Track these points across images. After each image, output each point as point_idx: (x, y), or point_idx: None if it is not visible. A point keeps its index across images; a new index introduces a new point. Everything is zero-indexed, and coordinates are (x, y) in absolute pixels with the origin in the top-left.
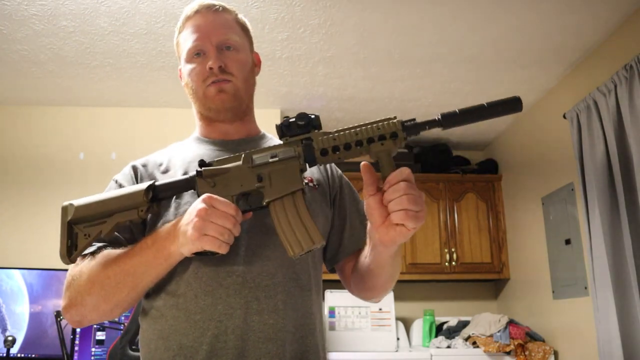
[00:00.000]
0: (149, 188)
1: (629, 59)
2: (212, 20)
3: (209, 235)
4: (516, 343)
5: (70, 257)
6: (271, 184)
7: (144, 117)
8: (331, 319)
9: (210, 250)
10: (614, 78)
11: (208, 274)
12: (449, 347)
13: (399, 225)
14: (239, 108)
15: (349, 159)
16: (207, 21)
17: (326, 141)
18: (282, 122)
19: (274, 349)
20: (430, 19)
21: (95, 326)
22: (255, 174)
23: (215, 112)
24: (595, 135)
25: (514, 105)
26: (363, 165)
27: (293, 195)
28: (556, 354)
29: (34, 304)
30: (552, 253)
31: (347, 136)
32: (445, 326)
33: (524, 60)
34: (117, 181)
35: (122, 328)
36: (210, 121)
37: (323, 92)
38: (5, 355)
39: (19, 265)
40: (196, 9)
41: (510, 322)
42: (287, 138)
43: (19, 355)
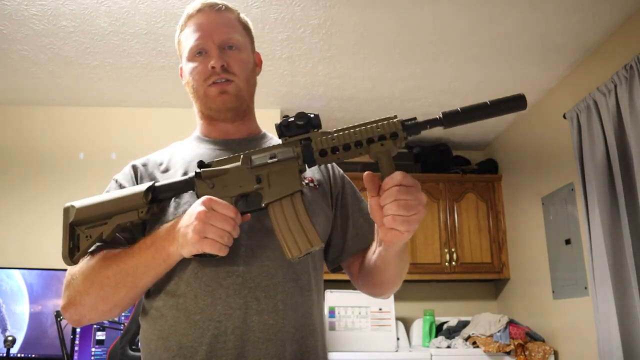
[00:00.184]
0: (148, 189)
1: (629, 59)
2: (215, 19)
3: (209, 238)
4: (516, 343)
5: (72, 258)
6: (270, 186)
7: (144, 117)
8: (331, 319)
9: (210, 253)
10: (614, 78)
11: (208, 274)
12: (449, 347)
13: (392, 228)
14: (240, 108)
15: (349, 159)
16: (210, 20)
17: (325, 142)
18: (281, 122)
19: (274, 350)
20: (430, 19)
21: (95, 326)
22: (254, 175)
23: (216, 112)
24: (595, 135)
25: (518, 102)
26: (366, 176)
27: (292, 197)
28: (556, 353)
29: (34, 304)
30: (552, 253)
31: (346, 136)
32: (445, 326)
33: (524, 60)
34: (118, 181)
35: (122, 328)
36: (211, 120)
37: (323, 92)
38: (5, 355)
39: (19, 265)
40: (199, 8)
41: (510, 322)
42: (286, 138)
43: (19, 355)
